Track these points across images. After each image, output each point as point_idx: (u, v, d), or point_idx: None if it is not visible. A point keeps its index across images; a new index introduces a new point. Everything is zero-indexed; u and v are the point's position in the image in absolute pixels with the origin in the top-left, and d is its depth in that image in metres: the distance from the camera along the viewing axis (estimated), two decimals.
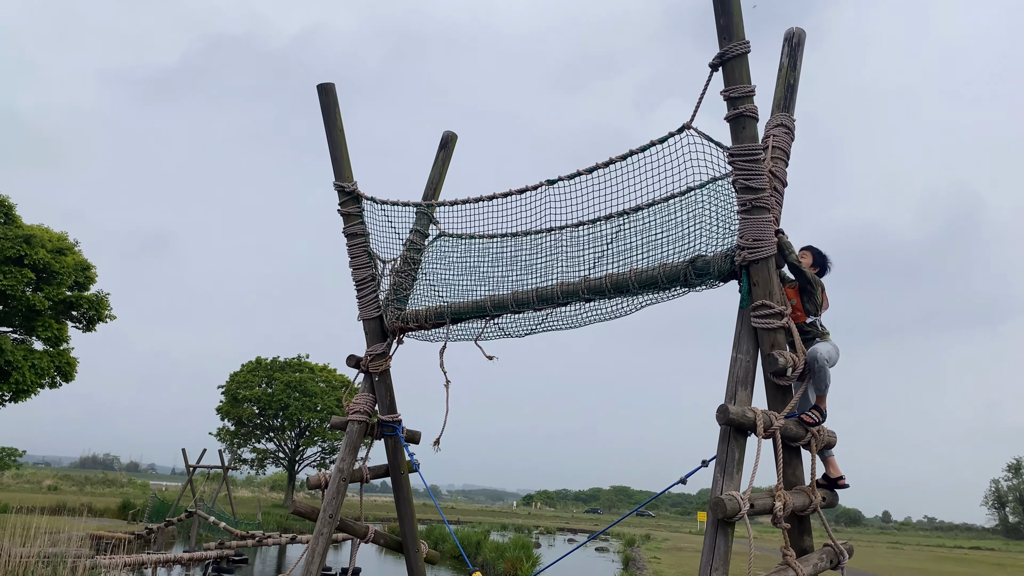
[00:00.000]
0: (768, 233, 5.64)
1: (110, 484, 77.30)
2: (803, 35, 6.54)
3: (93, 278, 31.38)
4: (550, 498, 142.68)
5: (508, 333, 7.54)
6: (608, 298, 6.61)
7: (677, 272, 6.02)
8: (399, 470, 8.26)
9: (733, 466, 5.34)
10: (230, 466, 44.34)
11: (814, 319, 6.05)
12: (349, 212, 8.40)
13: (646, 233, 6.43)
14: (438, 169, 8.93)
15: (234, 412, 56.49)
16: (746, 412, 5.32)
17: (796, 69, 6.46)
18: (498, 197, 7.33)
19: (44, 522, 19.92)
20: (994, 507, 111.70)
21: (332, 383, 58.61)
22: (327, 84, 8.43)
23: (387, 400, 8.22)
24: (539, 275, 7.11)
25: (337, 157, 8.43)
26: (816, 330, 6.04)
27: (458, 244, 7.94)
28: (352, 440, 8.04)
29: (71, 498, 50.89)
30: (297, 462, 60.39)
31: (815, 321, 6.05)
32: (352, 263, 8.39)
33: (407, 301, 8.17)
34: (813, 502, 5.62)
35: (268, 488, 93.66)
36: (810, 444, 5.73)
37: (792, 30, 6.52)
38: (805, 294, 6.02)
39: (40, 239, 28.99)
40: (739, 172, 5.62)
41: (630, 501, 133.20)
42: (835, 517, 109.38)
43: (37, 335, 30.28)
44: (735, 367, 5.64)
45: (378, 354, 8.16)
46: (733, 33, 5.53)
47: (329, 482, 7.88)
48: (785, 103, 6.39)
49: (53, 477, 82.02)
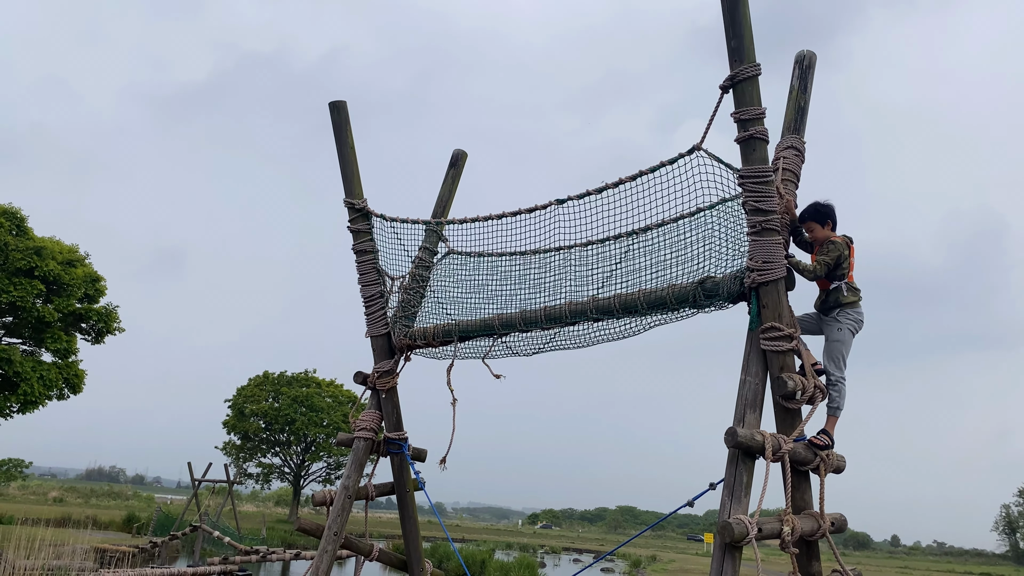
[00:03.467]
0: (778, 255, 5.62)
1: (115, 496, 77.32)
2: (814, 57, 6.55)
3: (103, 290, 31.52)
4: (556, 517, 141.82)
5: (516, 352, 7.52)
6: (616, 318, 6.59)
7: (686, 293, 6.00)
8: (404, 488, 8.23)
9: (741, 489, 5.30)
10: (235, 480, 44.30)
11: (838, 284, 5.98)
12: (359, 229, 8.42)
13: (655, 253, 6.42)
14: (448, 187, 8.96)
15: (241, 426, 56.48)
16: (755, 435, 5.29)
17: (807, 91, 6.46)
18: (507, 216, 7.34)
19: (49, 534, 19.92)
20: (1005, 533, 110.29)
21: (339, 398, 58.58)
22: (339, 102, 8.48)
23: (394, 417, 8.20)
24: (547, 294, 7.11)
25: (348, 174, 8.46)
26: (841, 295, 5.96)
27: (467, 262, 7.94)
28: (358, 457, 8.02)
29: (76, 510, 50.86)
30: (303, 477, 60.29)
31: (839, 287, 5.98)
32: (361, 280, 8.40)
33: (415, 318, 8.17)
34: (822, 527, 5.56)
35: (273, 503, 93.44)
36: (819, 468, 5.68)
37: (803, 52, 6.53)
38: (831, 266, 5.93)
39: (51, 251, 29.16)
40: (749, 194, 5.61)
41: (636, 522, 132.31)
42: (843, 541, 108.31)
43: (46, 347, 30.39)
44: (744, 389, 5.61)
45: (385, 371, 8.15)
46: (744, 55, 5.55)
47: (334, 499, 7.85)
48: (795, 125, 6.39)
49: (59, 489, 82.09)
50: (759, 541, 5.11)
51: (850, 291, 6.02)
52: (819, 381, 5.69)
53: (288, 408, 56.04)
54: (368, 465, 8.25)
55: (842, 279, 6.02)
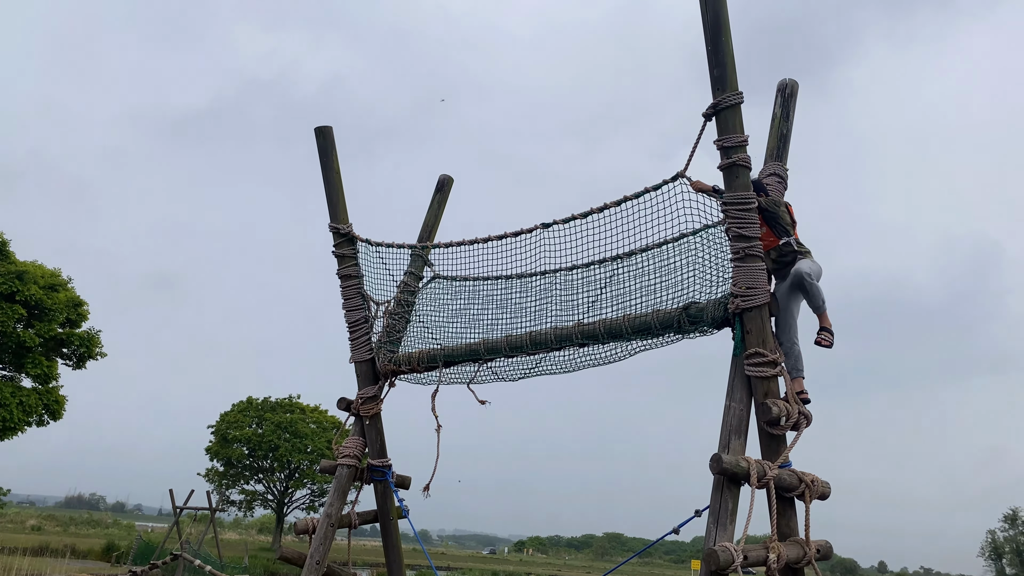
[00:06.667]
0: (761, 281, 5.64)
1: (95, 525, 75.97)
2: (796, 86, 6.63)
3: (85, 315, 31.21)
4: (542, 544, 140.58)
5: (502, 377, 7.49)
6: (602, 343, 6.59)
7: (671, 319, 6.01)
8: (388, 516, 8.14)
9: (727, 516, 5.28)
10: (218, 508, 43.67)
11: (787, 239, 6.05)
12: (343, 254, 8.40)
13: (640, 278, 6.44)
14: (433, 212, 8.97)
15: (224, 452, 55.81)
16: (740, 461, 5.27)
17: (789, 119, 6.55)
18: (493, 240, 7.35)
19: (26, 564, 19.54)
20: (991, 559, 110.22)
21: (323, 424, 58.04)
22: (324, 127, 8.50)
23: (377, 444, 8.12)
24: (533, 319, 7.10)
25: (333, 199, 8.46)
26: (792, 248, 6.05)
27: (452, 287, 7.93)
28: (341, 485, 7.93)
29: (54, 539, 49.90)
30: (286, 504, 59.54)
31: (788, 241, 6.05)
32: (345, 305, 8.36)
33: (400, 344, 8.13)
34: (808, 554, 5.53)
35: (256, 531, 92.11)
36: (804, 495, 5.66)
37: (785, 81, 6.62)
38: (770, 220, 6.01)
39: (33, 275, 28.89)
40: (732, 220, 5.65)
41: (623, 548, 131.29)
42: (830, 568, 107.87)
43: (26, 372, 30.01)
44: (728, 415, 5.61)
45: (369, 397, 8.09)
46: (726, 84, 5.61)
47: (317, 528, 7.75)
48: (778, 152, 6.46)
49: (37, 517, 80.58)
50: (744, 569, 5.07)
51: (800, 245, 6.16)
52: (804, 408, 5.69)
53: (272, 434, 55.47)
54: (352, 492, 8.16)
55: (790, 235, 6.12)
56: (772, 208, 5.97)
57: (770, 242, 6.03)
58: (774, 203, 6.00)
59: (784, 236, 6.03)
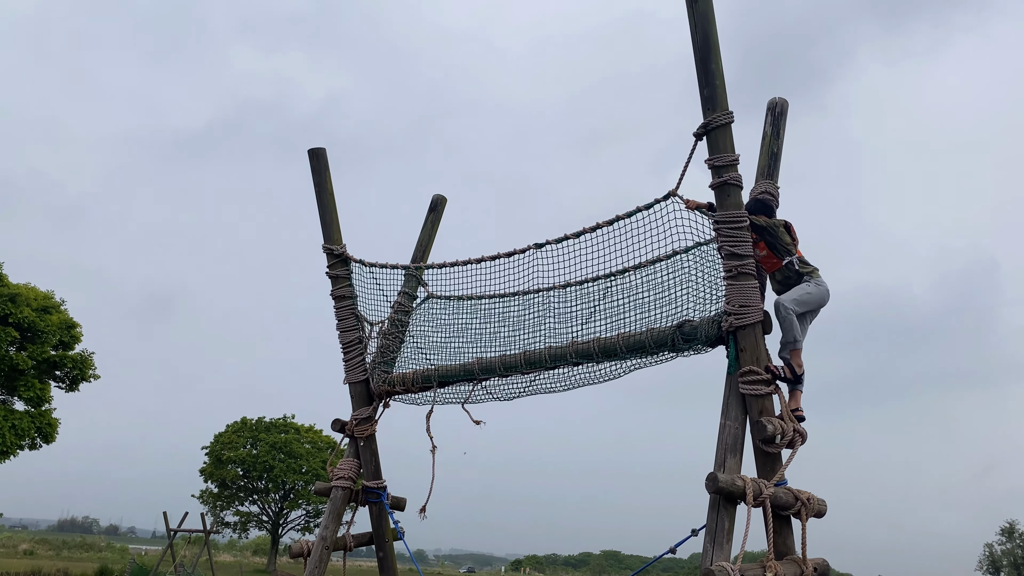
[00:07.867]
0: (754, 299, 5.66)
1: (88, 548, 75.16)
2: (786, 105, 6.68)
3: (78, 337, 31.08)
4: (539, 563, 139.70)
5: (496, 396, 7.49)
6: (596, 362, 6.59)
7: (665, 337, 6.02)
8: (384, 538, 8.08)
9: (723, 535, 5.26)
10: (212, 530, 43.31)
11: (789, 259, 5.97)
12: (337, 275, 8.40)
13: (634, 296, 6.46)
14: (427, 231, 8.99)
15: (218, 474, 55.45)
16: (735, 480, 5.27)
17: (779, 137, 6.58)
18: (486, 260, 7.37)
19: None
20: (988, 572, 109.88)
21: (318, 444, 57.72)
22: (318, 149, 8.52)
23: (372, 465, 8.08)
24: (527, 338, 7.10)
25: (327, 220, 8.48)
26: (794, 270, 5.96)
27: (446, 306, 7.93)
28: (336, 507, 7.89)
29: (47, 563, 49.36)
30: (281, 525, 59.10)
31: (791, 261, 5.97)
32: (339, 325, 8.35)
33: (394, 364, 8.12)
34: (804, 572, 5.51)
35: (251, 552, 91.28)
36: (800, 513, 5.65)
37: (775, 100, 6.67)
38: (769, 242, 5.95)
39: (25, 297, 28.79)
40: (724, 239, 5.67)
41: (621, 566, 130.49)
42: None
43: (19, 395, 29.83)
44: (724, 434, 5.61)
45: (364, 418, 8.07)
46: (717, 104, 5.65)
47: (312, 550, 7.70)
48: (769, 170, 6.50)
49: (29, 541, 79.68)
50: None
51: (803, 264, 6.04)
52: (799, 425, 5.69)
53: (266, 455, 55.13)
54: (347, 514, 8.12)
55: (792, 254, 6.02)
56: (772, 229, 5.94)
57: (775, 263, 6.01)
58: (773, 225, 5.96)
59: (786, 256, 5.98)
